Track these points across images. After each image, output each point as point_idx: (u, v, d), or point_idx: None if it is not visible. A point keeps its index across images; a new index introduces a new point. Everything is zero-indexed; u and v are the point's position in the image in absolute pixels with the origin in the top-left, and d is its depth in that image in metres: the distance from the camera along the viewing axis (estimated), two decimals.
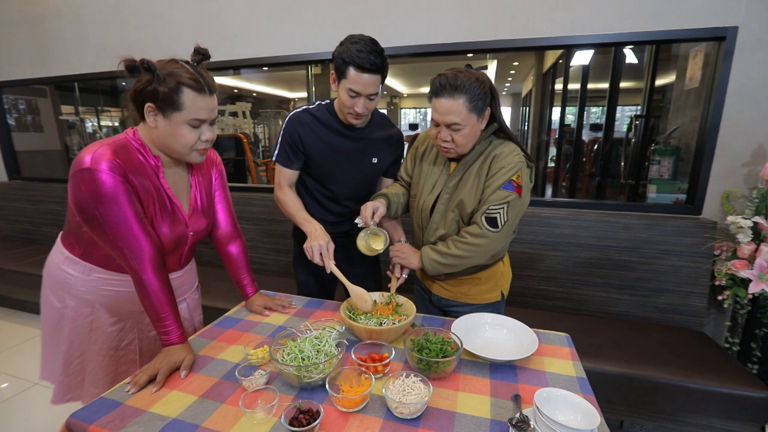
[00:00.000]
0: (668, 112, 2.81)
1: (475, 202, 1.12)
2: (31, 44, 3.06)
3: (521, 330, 1.05)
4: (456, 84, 1.01)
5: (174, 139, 0.92)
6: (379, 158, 1.35)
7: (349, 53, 1.11)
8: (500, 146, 1.12)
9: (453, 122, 1.04)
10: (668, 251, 1.77)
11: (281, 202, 1.33)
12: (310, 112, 1.29)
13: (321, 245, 1.13)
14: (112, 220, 0.88)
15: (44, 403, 1.90)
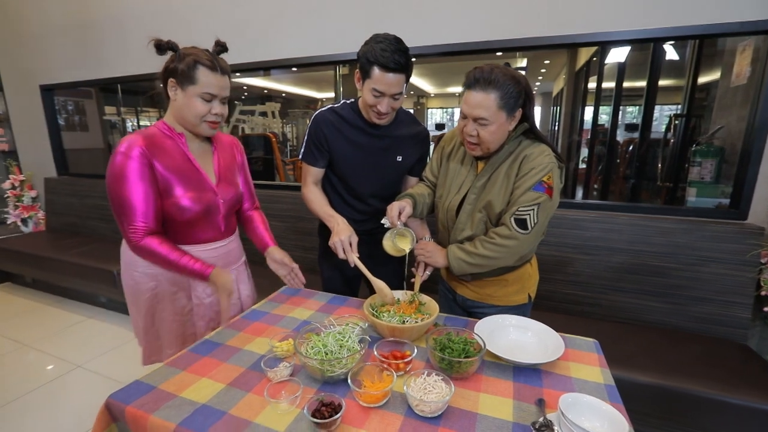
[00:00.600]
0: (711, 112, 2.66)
1: (504, 202, 1.10)
2: (79, 49, 3.27)
3: (547, 333, 1.03)
4: (490, 78, 0.99)
5: (188, 110, 1.07)
6: (404, 156, 1.35)
7: (373, 53, 1.12)
8: (530, 147, 1.09)
9: (481, 117, 1.02)
10: (709, 258, 1.67)
11: (306, 199, 1.37)
12: (335, 110, 1.31)
13: (343, 240, 1.15)
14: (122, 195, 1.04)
15: (86, 384, 2.03)
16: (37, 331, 2.57)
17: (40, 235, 3.45)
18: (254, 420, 0.76)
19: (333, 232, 1.20)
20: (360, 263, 1.15)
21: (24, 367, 2.20)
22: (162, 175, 1.08)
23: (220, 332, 1.11)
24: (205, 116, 1.09)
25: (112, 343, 2.40)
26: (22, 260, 3.06)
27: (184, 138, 1.13)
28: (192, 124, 1.11)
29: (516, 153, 1.11)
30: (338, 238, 1.16)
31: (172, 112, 1.13)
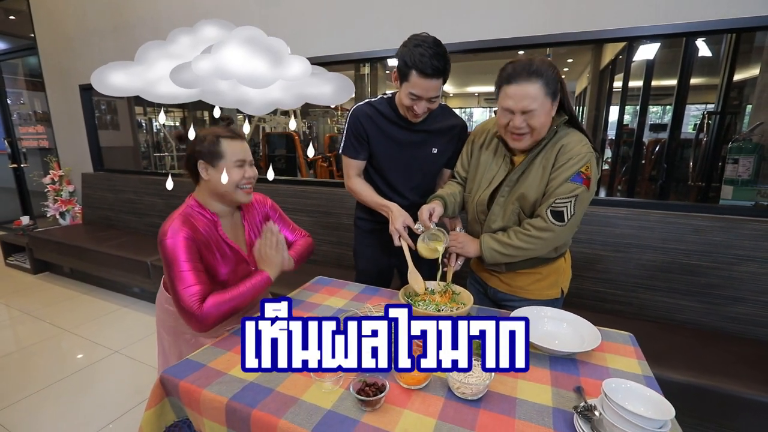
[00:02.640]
0: (746, 109, 2.58)
1: (539, 193, 1.10)
2: (115, 50, 3.41)
3: (582, 325, 1.03)
4: (532, 68, 0.99)
5: (224, 181, 1.09)
6: (439, 149, 1.37)
7: (411, 56, 1.12)
8: (566, 136, 1.08)
9: (530, 108, 1.00)
10: (746, 257, 1.63)
11: (354, 191, 1.40)
12: (373, 104, 1.35)
13: (398, 228, 1.20)
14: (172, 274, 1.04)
15: (121, 368, 2.13)
16: (75, 318, 2.71)
17: (77, 228, 3.62)
18: (301, 397, 0.80)
19: (390, 219, 1.24)
20: (407, 251, 1.20)
21: (65, 350, 2.32)
22: (202, 253, 1.10)
23: None
24: (240, 182, 1.13)
25: (146, 331, 2.51)
26: (60, 251, 3.22)
27: (217, 217, 1.17)
28: (229, 194, 1.14)
29: (552, 142, 1.09)
30: (394, 227, 1.21)
31: (205, 191, 1.16)
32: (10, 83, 4.76)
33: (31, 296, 3.10)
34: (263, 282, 1.13)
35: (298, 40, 2.59)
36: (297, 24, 2.58)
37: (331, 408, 0.77)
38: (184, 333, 1.21)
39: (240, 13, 2.76)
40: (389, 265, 1.53)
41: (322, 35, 2.52)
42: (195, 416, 0.85)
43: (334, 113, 9.48)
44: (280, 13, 2.62)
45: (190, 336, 1.20)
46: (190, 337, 1.20)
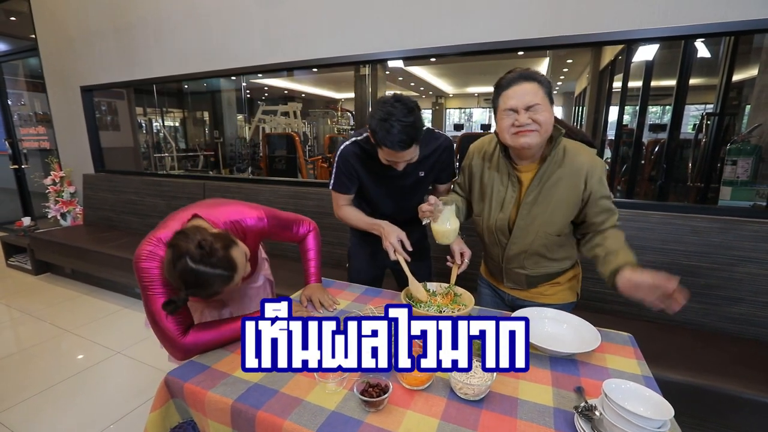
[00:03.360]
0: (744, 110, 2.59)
1: (567, 218, 1.11)
2: (116, 52, 3.42)
3: (582, 326, 1.04)
4: (530, 74, 1.04)
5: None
6: (426, 171, 1.38)
7: (381, 133, 1.12)
8: (578, 154, 1.09)
9: (533, 102, 1.01)
10: (745, 257, 1.64)
11: (344, 218, 1.43)
12: (359, 143, 1.34)
13: (394, 243, 1.22)
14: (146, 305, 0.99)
15: (122, 369, 2.14)
16: (76, 319, 2.71)
17: (78, 229, 3.62)
18: (305, 398, 0.81)
19: (382, 237, 1.27)
20: (405, 266, 1.22)
21: (67, 351, 2.33)
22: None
23: None
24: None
25: (147, 332, 2.49)
26: (62, 252, 3.23)
27: None
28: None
29: (568, 165, 1.08)
30: (388, 242, 1.23)
31: None
32: (11, 84, 4.76)
33: (32, 297, 3.11)
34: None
35: (298, 42, 2.60)
36: (298, 25, 2.58)
37: (335, 409, 0.78)
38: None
39: (241, 14, 2.76)
40: (383, 265, 1.57)
41: (323, 37, 2.52)
42: (200, 417, 0.86)
43: (334, 114, 9.51)
44: (280, 15, 2.62)
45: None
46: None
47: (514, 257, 1.20)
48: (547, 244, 1.14)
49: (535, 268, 1.19)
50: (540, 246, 1.14)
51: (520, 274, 1.22)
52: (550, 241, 1.13)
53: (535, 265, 1.19)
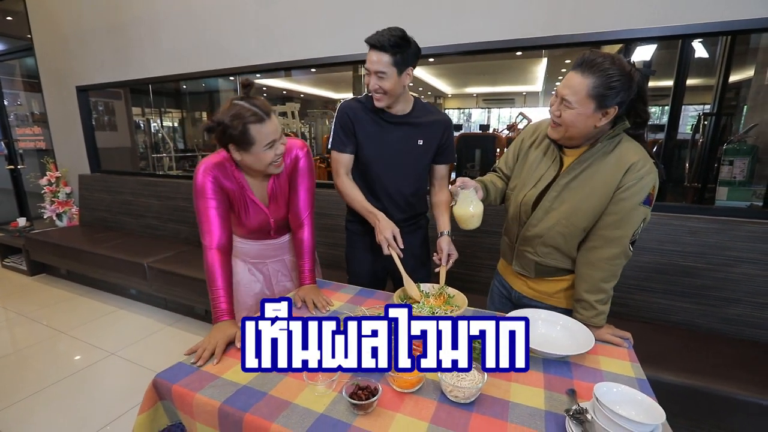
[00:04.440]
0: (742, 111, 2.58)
1: (595, 211, 1.03)
2: (111, 51, 3.41)
3: (576, 327, 1.04)
4: (593, 62, 0.93)
5: (258, 163, 1.15)
6: (425, 140, 1.37)
7: (370, 39, 1.21)
8: (631, 150, 1.00)
9: (566, 98, 0.96)
10: (741, 258, 1.64)
11: (342, 191, 1.40)
12: (359, 100, 1.38)
13: (388, 238, 1.21)
14: (198, 208, 1.18)
15: (117, 371, 2.12)
16: (72, 320, 2.70)
17: (74, 230, 3.61)
18: (294, 401, 0.80)
19: (376, 228, 1.25)
20: (399, 261, 1.20)
21: (61, 353, 2.32)
22: (227, 197, 1.21)
23: None
24: (272, 161, 1.15)
25: (142, 333, 2.50)
26: (57, 253, 3.21)
27: (242, 175, 1.22)
28: (262, 171, 1.19)
29: (616, 155, 1.01)
30: (383, 236, 1.22)
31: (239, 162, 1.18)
32: (6, 84, 4.75)
33: (28, 298, 3.10)
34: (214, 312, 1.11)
35: (296, 41, 2.59)
36: (295, 25, 2.58)
37: (324, 411, 0.77)
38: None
39: (238, 13, 2.75)
40: (383, 269, 1.53)
41: (321, 36, 2.52)
42: (188, 420, 0.85)
43: (332, 114, 9.49)
44: (278, 14, 2.62)
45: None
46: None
47: (529, 239, 1.15)
48: (565, 235, 1.08)
49: (546, 257, 1.15)
50: (558, 235, 1.09)
51: (530, 259, 1.18)
52: (570, 232, 1.07)
53: (547, 255, 1.14)
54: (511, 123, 8.48)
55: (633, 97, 0.97)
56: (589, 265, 1.06)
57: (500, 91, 11.63)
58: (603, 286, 1.05)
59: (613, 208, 1.01)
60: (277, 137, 1.13)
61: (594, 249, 1.06)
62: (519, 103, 11.79)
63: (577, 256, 1.10)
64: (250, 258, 1.40)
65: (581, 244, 1.10)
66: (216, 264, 1.15)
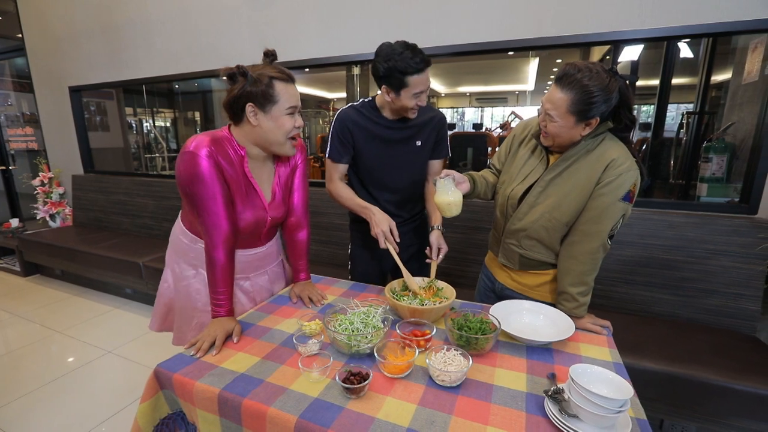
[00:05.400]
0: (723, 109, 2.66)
1: (577, 206, 1.07)
2: (105, 52, 3.41)
3: (558, 316, 1.09)
4: (573, 78, 0.96)
5: (277, 131, 1.04)
6: (423, 141, 1.42)
7: (402, 65, 1.18)
8: (612, 148, 1.04)
9: (548, 111, 1.01)
10: (718, 251, 1.71)
11: (334, 194, 1.44)
12: (356, 108, 1.40)
13: (384, 231, 1.24)
14: (201, 196, 1.02)
15: (117, 368, 2.15)
16: (67, 320, 2.71)
17: (68, 230, 3.61)
18: (290, 387, 0.84)
19: (372, 223, 1.28)
20: (396, 255, 1.24)
21: (57, 352, 2.33)
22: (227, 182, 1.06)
23: (250, 315, 1.20)
24: (291, 132, 1.06)
25: (138, 332, 2.52)
26: (51, 253, 3.21)
27: (244, 153, 1.10)
28: (279, 145, 1.07)
29: (597, 153, 1.05)
30: (379, 229, 1.24)
31: (247, 134, 1.07)
32: None
33: (22, 299, 3.10)
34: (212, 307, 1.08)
35: (288, 42, 2.62)
36: (288, 26, 2.61)
37: (318, 396, 0.81)
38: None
39: (230, 14, 2.77)
40: (385, 269, 1.58)
41: (313, 37, 2.55)
42: (189, 407, 0.89)
43: (326, 113, 9.51)
44: (270, 15, 2.64)
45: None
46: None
47: (514, 233, 1.20)
48: (548, 229, 1.13)
49: (530, 250, 1.20)
50: (541, 228, 1.13)
51: (514, 252, 1.23)
52: (553, 226, 1.12)
53: (530, 248, 1.19)
54: (503, 122, 8.57)
55: (616, 104, 1.01)
56: (571, 258, 1.12)
57: (493, 90, 11.72)
58: (585, 279, 1.11)
59: (593, 203, 1.06)
60: (298, 106, 1.06)
61: (575, 243, 1.11)
62: (511, 102, 11.88)
63: (560, 250, 1.16)
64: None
65: (564, 239, 1.16)
66: (222, 266, 1.06)
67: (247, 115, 1.03)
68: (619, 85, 0.99)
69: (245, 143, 1.09)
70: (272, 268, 1.36)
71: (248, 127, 1.06)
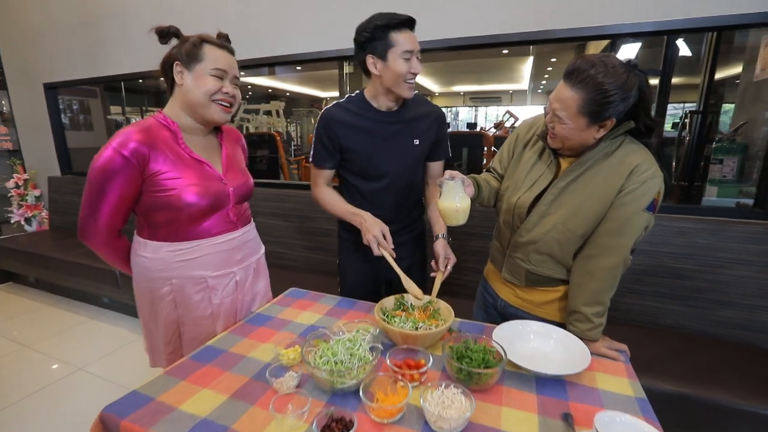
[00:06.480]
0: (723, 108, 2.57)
1: (594, 217, 0.95)
2: (83, 47, 3.23)
3: (570, 340, 0.97)
4: (585, 75, 0.84)
5: (197, 90, 1.01)
6: (420, 139, 1.28)
7: (383, 20, 1.11)
8: (634, 152, 0.93)
9: (557, 112, 0.90)
10: (732, 259, 1.60)
11: (320, 200, 1.31)
12: (341, 105, 1.25)
13: (377, 236, 1.11)
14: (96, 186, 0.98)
15: (87, 388, 1.99)
16: (39, 332, 2.54)
17: (44, 235, 3.43)
18: None
19: (363, 229, 1.15)
20: (393, 261, 1.11)
21: (24, 369, 2.16)
22: (159, 170, 0.99)
23: (222, 338, 1.06)
24: (216, 94, 1.02)
25: (113, 345, 2.36)
26: (25, 260, 3.03)
27: (177, 127, 1.05)
28: (202, 107, 1.03)
29: (618, 157, 0.93)
30: (371, 235, 1.11)
31: (177, 100, 1.06)
32: None
33: None
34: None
35: (277, 37, 2.48)
36: (277, 20, 2.47)
37: None
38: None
39: (216, 8, 2.62)
40: (379, 278, 1.43)
41: (303, 32, 2.41)
42: None
43: (319, 113, 9.36)
44: (258, 9, 2.50)
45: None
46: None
47: (522, 246, 1.07)
48: (561, 242, 1.00)
49: (539, 265, 1.07)
50: (553, 241, 1.01)
51: (521, 267, 1.10)
52: (567, 238, 0.99)
53: (540, 264, 1.06)
54: (498, 121, 8.49)
55: (634, 102, 0.89)
56: (587, 274, 0.99)
57: (487, 89, 11.67)
58: (601, 298, 0.99)
59: (614, 214, 0.94)
60: (230, 73, 1.04)
61: (592, 257, 0.99)
62: (506, 102, 11.85)
63: (573, 264, 1.03)
64: (212, 271, 1.10)
65: (578, 252, 1.03)
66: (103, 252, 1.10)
67: (175, 76, 1.02)
68: (639, 82, 0.87)
69: (178, 115, 1.06)
70: (257, 258, 1.26)
71: (177, 91, 1.05)
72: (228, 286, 1.15)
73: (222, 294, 1.14)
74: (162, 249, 1.07)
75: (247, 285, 1.21)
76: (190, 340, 1.15)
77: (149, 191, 1.01)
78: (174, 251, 1.07)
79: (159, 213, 1.03)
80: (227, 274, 1.14)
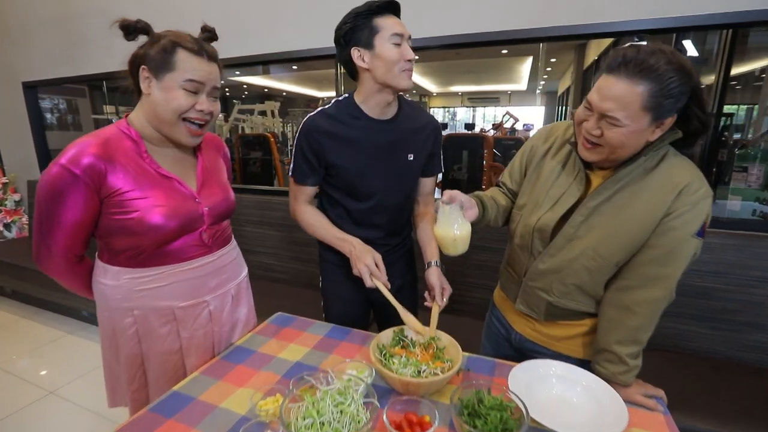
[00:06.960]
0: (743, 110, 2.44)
1: (636, 241, 0.81)
2: (64, 44, 3.06)
3: (601, 389, 0.82)
4: (646, 64, 0.70)
5: (165, 105, 0.85)
6: (415, 154, 1.14)
7: (365, 7, 1.01)
8: (681, 168, 0.79)
9: (611, 114, 0.73)
10: (766, 278, 1.46)
11: (302, 222, 1.16)
12: (326, 112, 1.09)
13: (369, 265, 0.97)
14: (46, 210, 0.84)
15: (54, 415, 1.82)
16: (9, 350, 2.37)
17: (24, 242, 3.25)
18: None
19: (352, 258, 1.01)
20: (388, 292, 0.97)
21: None
22: (119, 188, 0.84)
23: (191, 382, 0.90)
24: (187, 112, 0.86)
25: (90, 364, 2.19)
26: (1, 269, 2.86)
27: (140, 137, 0.90)
28: (169, 125, 0.88)
29: (661, 174, 0.80)
30: (363, 264, 0.97)
31: (144, 108, 0.90)
32: None
33: None
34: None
35: (268, 34, 2.33)
36: (267, 16, 2.32)
37: None
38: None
39: (201, 3, 2.47)
40: (367, 302, 1.28)
41: (296, 28, 2.27)
42: None
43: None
44: (247, 4, 2.35)
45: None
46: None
47: (542, 274, 0.93)
48: (592, 270, 0.86)
49: (563, 297, 0.92)
50: (582, 269, 0.86)
51: (541, 299, 0.95)
52: (599, 266, 0.85)
53: (564, 296, 0.91)
54: (497, 122, 8.36)
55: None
56: (624, 309, 0.84)
57: (485, 89, 11.58)
58: (639, 336, 0.84)
59: (660, 240, 0.79)
60: (206, 83, 0.87)
61: (630, 289, 0.84)
62: (504, 102, 11.75)
63: (606, 296, 0.89)
64: (180, 301, 0.95)
65: (610, 281, 0.88)
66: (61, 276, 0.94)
67: (141, 83, 0.87)
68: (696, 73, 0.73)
69: (143, 125, 0.91)
70: (238, 283, 1.10)
71: (145, 100, 0.89)
72: (200, 317, 0.99)
73: (193, 326, 0.98)
74: (122, 276, 0.92)
75: (225, 314, 1.06)
76: (156, 378, 0.99)
77: (107, 213, 0.86)
78: (136, 278, 0.92)
79: (118, 238, 0.89)
80: (198, 303, 0.98)
